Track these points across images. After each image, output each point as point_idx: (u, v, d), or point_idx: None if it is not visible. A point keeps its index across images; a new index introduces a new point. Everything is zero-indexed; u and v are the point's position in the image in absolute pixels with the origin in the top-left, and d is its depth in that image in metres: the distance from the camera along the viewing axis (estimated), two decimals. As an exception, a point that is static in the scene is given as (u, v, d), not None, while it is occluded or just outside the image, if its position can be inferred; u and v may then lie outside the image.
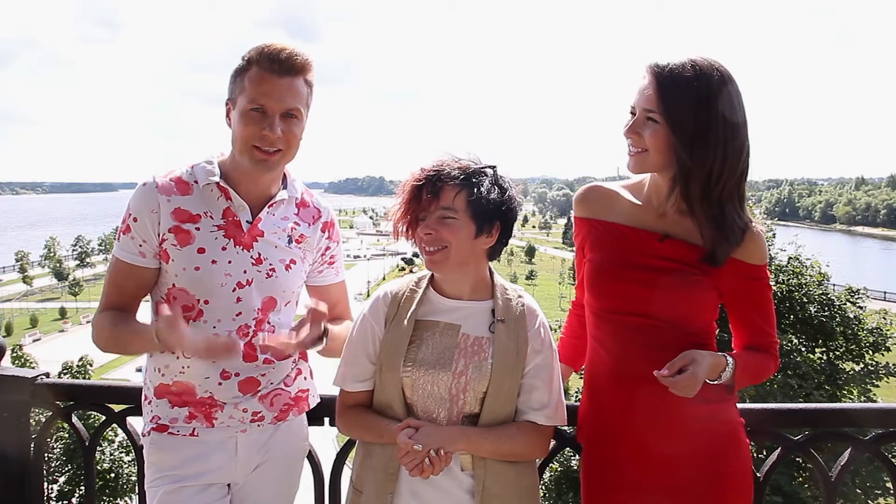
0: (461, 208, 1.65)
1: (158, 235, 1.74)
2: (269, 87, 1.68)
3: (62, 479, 19.74)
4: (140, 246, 1.75)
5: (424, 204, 1.67)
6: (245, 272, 1.78)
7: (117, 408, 2.24)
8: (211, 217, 1.77)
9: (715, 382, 1.65)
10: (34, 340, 52.57)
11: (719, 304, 1.76)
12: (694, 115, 1.58)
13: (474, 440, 1.64)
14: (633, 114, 1.67)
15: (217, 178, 1.77)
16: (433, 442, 1.56)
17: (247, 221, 1.79)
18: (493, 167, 1.72)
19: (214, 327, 1.76)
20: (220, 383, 1.79)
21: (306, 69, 1.73)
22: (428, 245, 1.67)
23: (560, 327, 2.23)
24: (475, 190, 1.65)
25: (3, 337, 2.45)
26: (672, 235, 1.70)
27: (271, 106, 1.69)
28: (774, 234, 15.22)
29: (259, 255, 1.80)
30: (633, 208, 1.78)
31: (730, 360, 1.65)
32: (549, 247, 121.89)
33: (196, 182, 1.77)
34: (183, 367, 1.78)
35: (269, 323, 1.83)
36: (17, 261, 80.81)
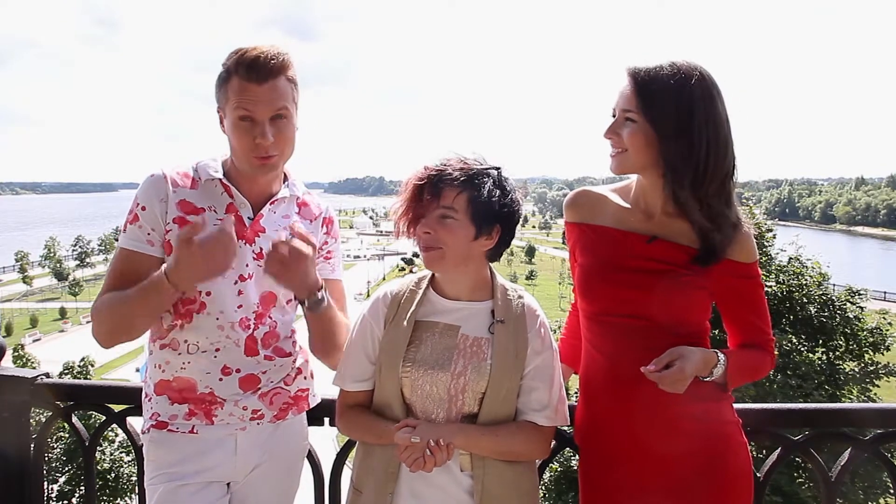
0: (461, 209, 1.65)
1: (164, 225, 1.75)
2: (252, 95, 1.67)
3: (62, 479, 19.76)
4: (148, 234, 1.75)
5: (425, 203, 1.67)
6: (247, 266, 1.79)
7: (117, 408, 2.24)
8: (214, 211, 1.79)
9: (707, 379, 1.65)
10: (34, 340, 52.59)
11: (712, 304, 1.77)
12: (675, 112, 1.59)
13: (472, 435, 1.64)
14: (613, 116, 1.69)
15: (219, 175, 1.79)
16: (431, 435, 1.56)
17: (248, 217, 1.81)
18: (498, 168, 1.71)
19: (217, 319, 1.77)
20: (220, 379, 1.79)
21: (285, 68, 1.71)
22: (425, 243, 1.68)
23: (560, 327, 2.23)
24: (476, 192, 1.65)
25: (3, 337, 2.45)
26: (660, 237, 1.71)
27: (258, 113, 1.68)
28: (775, 235, 15.19)
29: (261, 249, 1.80)
30: (622, 211, 1.79)
31: (721, 356, 1.66)
32: (549, 247, 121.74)
33: (200, 178, 1.80)
34: (184, 363, 1.79)
35: (269, 317, 1.84)
36: (17, 261, 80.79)
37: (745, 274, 1.72)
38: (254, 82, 1.67)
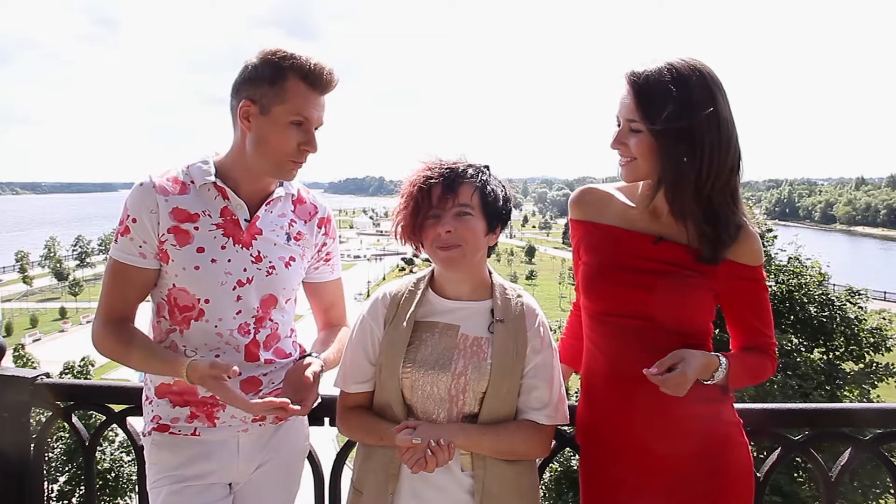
0: (476, 206, 1.67)
1: (158, 236, 1.73)
2: (314, 103, 1.73)
3: (62, 479, 19.72)
4: (140, 247, 1.74)
5: (439, 201, 1.66)
6: (245, 270, 1.78)
7: (117, 408, 2.24)
8: (209, 216, 1.77)
9: (709, 382, 1.65)
10: (34, 340, 52.49)
11: (716, 306, 1.76)
12: (675, 118, 1.58)
13: (473, 435, 1.64)
14: (618, 124, 1.68)
15: (213, 178, 1.77)
16: (432, 435, 1.55)
17: (244, 220, 1.80)
18: (488, 167, 1.74)
19: (216, 326, 1.76)
20: None
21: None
22: (445, 242, 1.66)
23: (560, 327, 2.23)
24: (486, 188, 1.68)
25: (3, 337, 2.45)
26: (666, 237, 1.71)
27: (312, 122, 1.74)
28: (776, 236, 15.19)
29: (258, 252, 1.80)
30: (628, 210, 1.78)
31: (723, 360, 1.65)
32: (549, 247, 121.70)
33: (192, 182, 1.77)
34: None
35: (270, 320, 1.83)
36: (17, 261, 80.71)
37: (749, 276, 1.71)
38: (317, 91, 1.73)
